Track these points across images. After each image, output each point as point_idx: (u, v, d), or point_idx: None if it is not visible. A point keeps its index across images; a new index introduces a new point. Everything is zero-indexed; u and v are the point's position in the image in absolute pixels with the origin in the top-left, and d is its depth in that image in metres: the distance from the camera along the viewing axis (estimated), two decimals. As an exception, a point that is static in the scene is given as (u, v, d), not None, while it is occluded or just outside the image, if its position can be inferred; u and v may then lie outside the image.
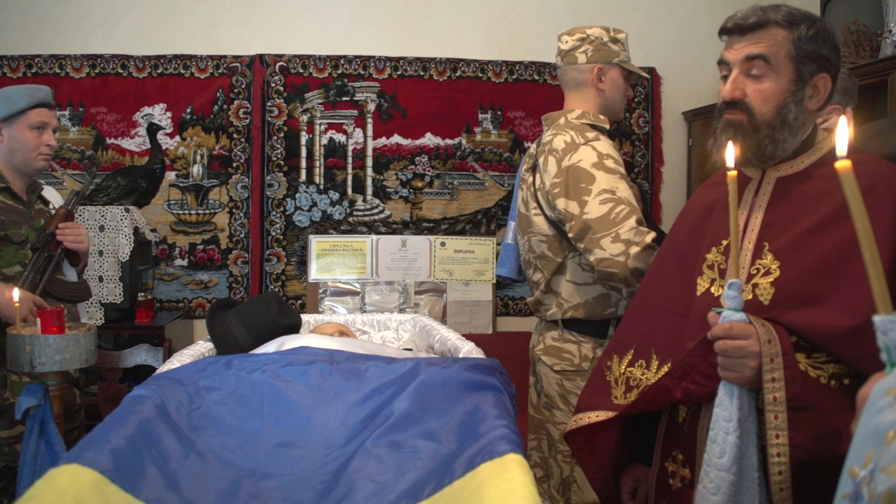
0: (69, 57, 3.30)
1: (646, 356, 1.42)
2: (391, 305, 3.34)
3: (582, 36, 1.98)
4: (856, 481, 0.59)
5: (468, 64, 3.47)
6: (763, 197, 1.33)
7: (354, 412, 1.49)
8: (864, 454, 0.59)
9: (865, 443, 0.59)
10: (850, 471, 0.60)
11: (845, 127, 0.76)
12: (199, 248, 3.40)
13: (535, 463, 2.12)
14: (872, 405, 0.60)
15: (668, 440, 1.40)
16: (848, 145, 0.74)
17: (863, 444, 0.60)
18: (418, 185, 3.47)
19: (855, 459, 0.60)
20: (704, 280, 1.35)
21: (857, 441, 0.61)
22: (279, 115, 3.40)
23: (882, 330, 0.64)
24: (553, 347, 1.98)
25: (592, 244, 1.76)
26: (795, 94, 1.27)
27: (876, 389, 0.61)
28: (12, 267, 2.07)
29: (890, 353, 0.64)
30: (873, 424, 0.59)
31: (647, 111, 3.59)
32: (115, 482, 1.19)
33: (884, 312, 0.65)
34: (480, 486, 1.17)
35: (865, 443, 0.59)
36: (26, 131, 2.13)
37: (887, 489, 0.54)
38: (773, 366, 1.13)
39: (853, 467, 0.60)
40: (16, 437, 2.02)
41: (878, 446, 0.57)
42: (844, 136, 0.74)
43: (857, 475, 0.59)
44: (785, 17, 1.27)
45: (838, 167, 0.69)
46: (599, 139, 1.88)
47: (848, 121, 2.09)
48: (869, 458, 0.58)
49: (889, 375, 0.62)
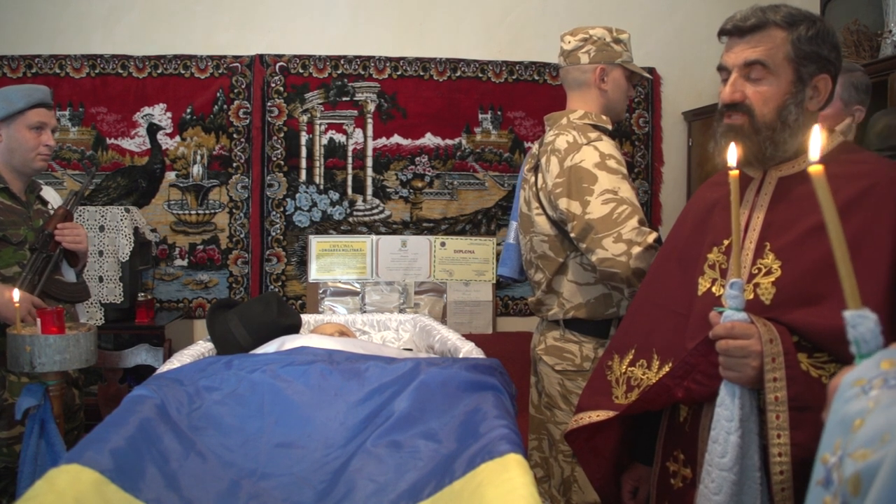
0: (69, 57, 3.30)
1: (647, 356, 1.42)
2: (391, 305, 3.33)
3: (585, 36, 1.98)
4: (827, 468, 0.62)
5: (468, 64, 3.46)
6: (764, 197, 1.32)
7: (354, 412, 1.49)
8: (834, 442, 0.62)
9: (835, 431, 0.63)
10: (822, 458, 0.63)
11: (818, 133, 0.79)
12: (199, 249, 3.39)
13: (535, 463, 2.12)
14: (841, 395, 0.64)
15: (669, 440, 1.40)
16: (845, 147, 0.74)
17: (833, 433, 0.63)
18: (418, 186, 3.47)
19: (826, 447, 0.63)
20: (706, 280, 1.35)
21: (827, 430, 0.64)
22: (279, 115, 3.40)
23: (852, 324, 0.69)
24: (554, 347, 1.97)
25: (594, 244, 1.76)
26: (796, 96, 1.27)
27: (844, 380, 0.65)
28: (10, 267, 2.07)
29: (859, 346, 0.68)
30: (842, 413, 0.62)
31: (647, 111, 3.59)
32: (115, 482, 1.19)
33: (854, 308, 0.70)
34: (480, 486, 1.17)
35: (835, 431, 0.63)
36: (25, 131, 2.12)
37: (853, 473, 0.57)
38: (774, 365, 1.13)
39: (824, 454, 0.63)
40: (15, 437, 2.02)
41: (846, 434, 0.60)
42: (817, 143, 0.78)
43: (828, 462, 0.62)
44: (784, 17, 1.26)
45: (811, 171, 0.74)
46: (602, 139, 1.88)
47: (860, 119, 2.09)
48: (838, 445, 0.61)
49: (857, 367, 0.66)
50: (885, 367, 0.62)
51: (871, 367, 0.64)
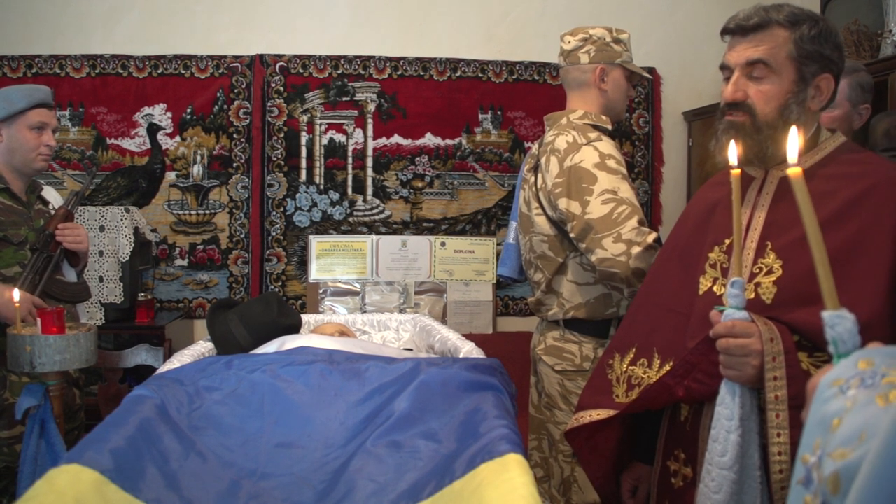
0: (69, 57, 3.30)
1: (648, 355, 1.42)
2: (391, 305, 3.33)
3: (585, 36, 1.98)
4: (807, 467, 0.62)
5: (468, 64, 3.46)
6: (766, 196, 1.32)
7: (354, 412, 1.49)
8: (814, 441, 0.62)
9: (814, 431, 0.63)
10: (802, 458, 0.63)
11: (795, 136, 0.80)
12: (199, 248, 3.39)
13: (535, 463, 2.12)
14: (820, 395, 0.64)
15: (669, 439, 1.40)
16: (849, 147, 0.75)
17: (812, 433, 0.63)
18: (418, 186, 3.47)
19: (806, 447, 0.63)
20: (707, 279, 1.35)
21: (807, 430, 0.64)
22: (279, 115, 3.40)
23: (830, 325, 0.70)
24: (554, 347, 1.97)
25: (594, 244, 1.76)
26: (798, 95, 1.27)
27: (823, 381, 0.65)
28: (11, 268, 2.07)
29: (837, 346, 0.69)
30: (821, 413, 0.63)
31: (647, 111, 3.58)
32: (115, 482, 1.19)
33: (832, 308, 0.71)
34: (480, 486, 1.17)
35: (814, 431, 0.63)
36: (26, 131, 2.12)
37: (832, 472, 0.57)
38: (774, 364, 1.13)
39: (804, 454, 0.63)
40: (15, 437, 2.02)
41: (825, 433, 0.61)
42: (795, 145, 0.79)
43: (808, 461, 0.62)
44: (787, 17, 1.26)
45: (790, 174, 0.74)
46: (601, 139, 1.88)
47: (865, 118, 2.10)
48: (818, 445, 0.61)
49: (835, 367, 0.66)
50: (862, 366, 0.63)
51: (848, 367, 0.64)
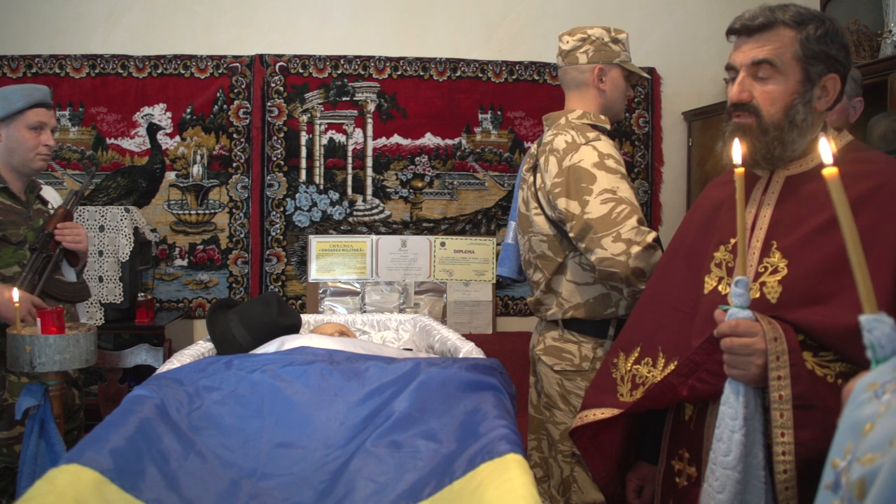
0: (69, 57, 3.29)
1: (652, 354, 1.42)
2: (391, 305, 3.33)
3: (583, 36, 1.98)
4: (836, 472, 0.61)
5: (468, 64, 3.46)
6: (771, 195, 1.32)
7: (354, 412, 1.49)
8: (845, 446, 0.62)
9: (846, 435, 0.62)
10: (832, 462, 0.63)
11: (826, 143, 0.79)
12: (199, 248, 3.39)
13: (535, 463, 2.12)
14: (854, 399, 0.63)
15: (674, 438, 1.39)
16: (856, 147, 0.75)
17: (844, 437, 0.63)
18: (418, 185, 3.47)
19: (836, 451, 0.63)
20: (712, 278, 1.35)
21: (839, 434, 0.64)
22: (279, 115, 3.40)
23: (867, 329, 0.67)
24: (553, 347, 1.97)
25: (593, 244, 1.76)
26: (804, 96, 1.26)
27: (858, 385, 0.64)
28: (10, 267, 2.06)
29: (875, 351, 0.67)
30: (853, 418, 0.62)
31: (647, 111, 3.58)
32: (115, 482, 1.19)
33: (869, 312, 0.69)
34: (480, 486, 1.17)
35: (846, 435, 0.62)
36: (24, 131, 2.12)
37: (859, 477, 0.57)
38: (779, 364, 1.13)
39: (834, 459, 0.63)
40: (15, 437, 2.01)
41: (856, 438, 0.60)
42: (828, 148, 0.78)
43: (838, 466, 0.61)
44: (793, 17, 1.26)
45: (825, 174, 0.73)
46: (600, 139, 1.88)
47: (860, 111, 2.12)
48: (848, 449, 0.61)
49: (872, 371, 0.65)
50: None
51: (885, 372, 0.63)
